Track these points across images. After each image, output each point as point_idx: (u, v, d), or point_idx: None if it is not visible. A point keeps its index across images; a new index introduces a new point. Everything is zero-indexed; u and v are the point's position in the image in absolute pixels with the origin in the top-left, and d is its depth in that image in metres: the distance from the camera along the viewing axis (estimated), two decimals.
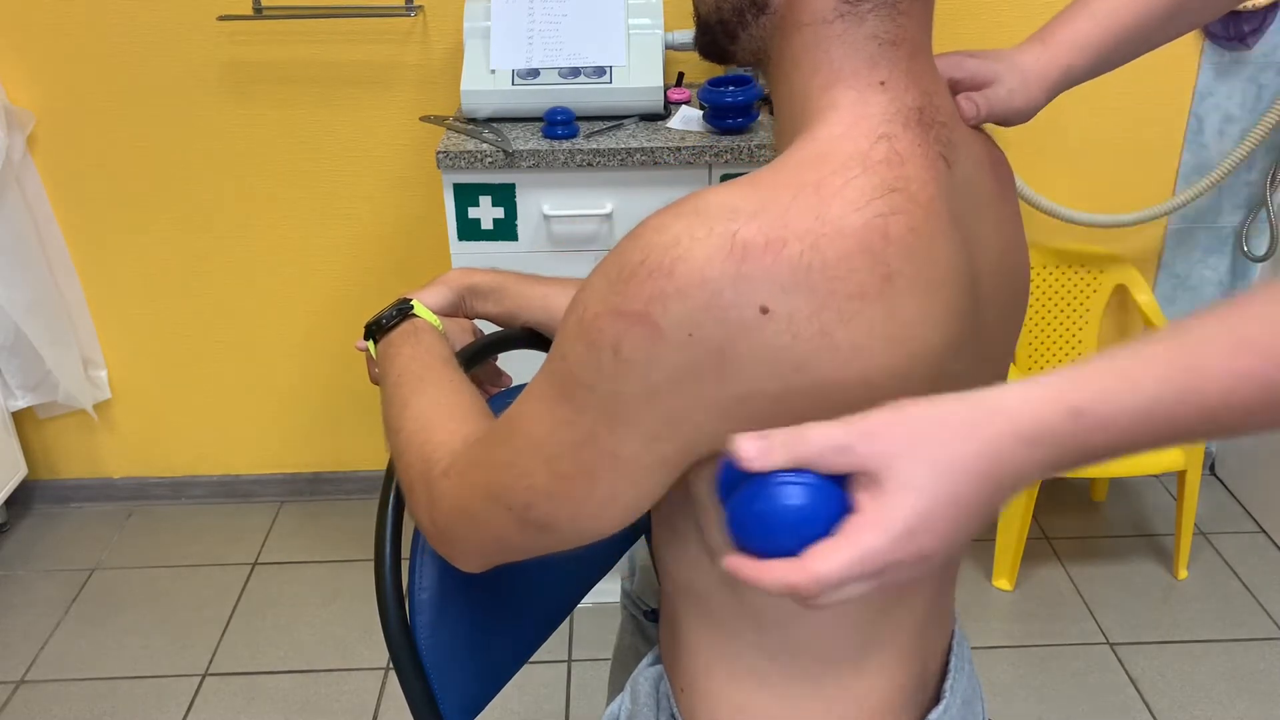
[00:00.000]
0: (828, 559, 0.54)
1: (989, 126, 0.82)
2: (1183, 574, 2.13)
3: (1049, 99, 0.85)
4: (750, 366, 0.60)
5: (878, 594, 0.57)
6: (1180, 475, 2.03)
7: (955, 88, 0.80)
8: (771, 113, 1.84)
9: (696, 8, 0.75)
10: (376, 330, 0.90)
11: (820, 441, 0.56)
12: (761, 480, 0.57)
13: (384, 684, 1.92)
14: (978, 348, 0.73)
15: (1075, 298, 2.22)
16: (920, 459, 0.54)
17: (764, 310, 0.59)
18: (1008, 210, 0.78)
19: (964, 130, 0.74)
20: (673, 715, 0.83)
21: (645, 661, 0.90)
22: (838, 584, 0.54)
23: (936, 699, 0.85)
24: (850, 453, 0.55)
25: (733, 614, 0.75)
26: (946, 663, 0.87)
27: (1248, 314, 0.52)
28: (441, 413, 0.79)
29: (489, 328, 1.00)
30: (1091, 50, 0.84)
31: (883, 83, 0.66)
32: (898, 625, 0.77)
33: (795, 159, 0.65)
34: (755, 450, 0.56)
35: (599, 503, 0.66)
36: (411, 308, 0.90)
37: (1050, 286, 2.22)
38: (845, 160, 0.63)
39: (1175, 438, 0.54)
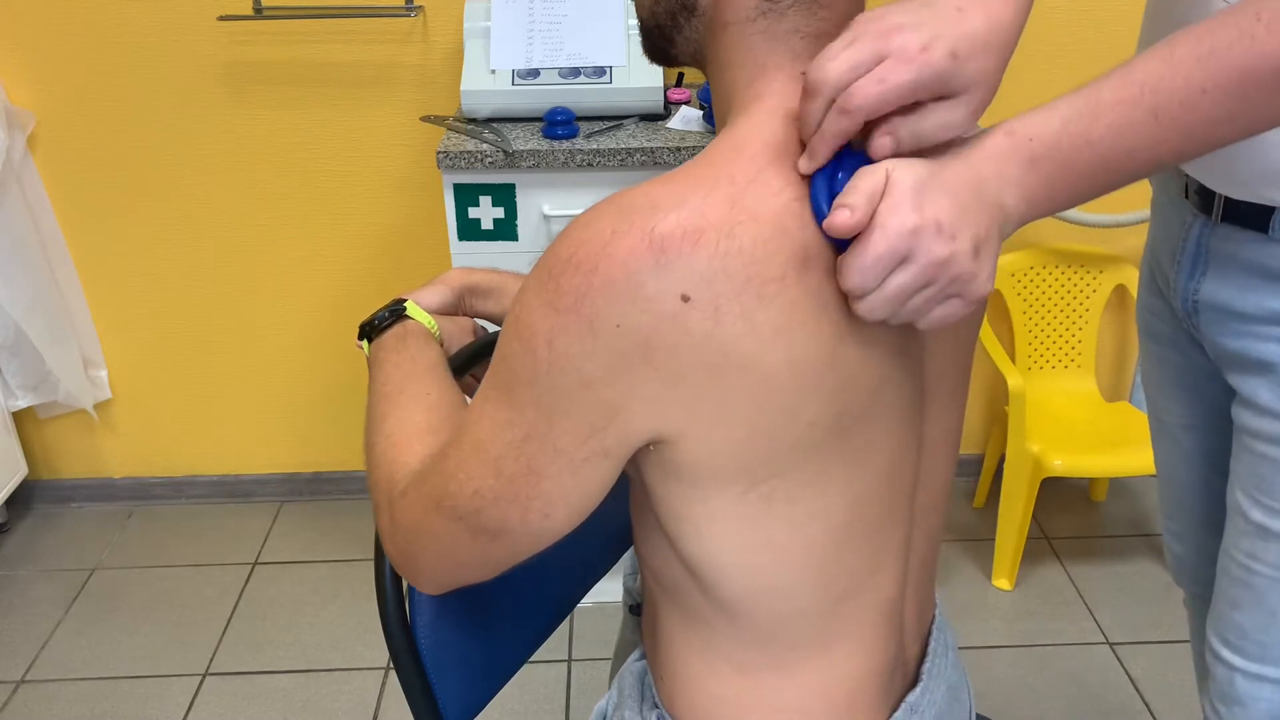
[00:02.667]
0: (857, 254, 0.62)
1: None
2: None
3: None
4: (677, 354, 0.62)
5: (929, 289, 0.62)
6: None
7: None
8: None
9: (638, 13, 0.77)
10: (370, 331, 0.90)
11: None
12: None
13: (384, 684, 1.92)
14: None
15: (1075, 298, 2.22)
16: (912, 165, 0.63)
17: (685, 298, 0.61)
18: None
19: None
20: (655, 705, 0.83)
21: (632, 657, 0.90)
22: (879, 259, 0.61)
23: (915, 682, 0.85)
24: (874, 168, 0.64)
25: (702, 603, 0.75)
26: (927, 648, 0.87)
27: (1129, 64, 0.67)
28: (410, 432, 0.79)
29: (489, 327, 1.00)
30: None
31: (804, 74, 0.67)
32: (864, 611, 0.77)
33: (715, 151, 0.67)
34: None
35: (545, 500, 0.67)
36: (404, 309, 0.90)
37: (1050, 286, 2.22)
38: (760, 148, 0.66)
39: (1098, 164, 0.66)
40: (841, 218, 0.61)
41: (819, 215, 0.63)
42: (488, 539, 0.70)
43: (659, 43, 0.76)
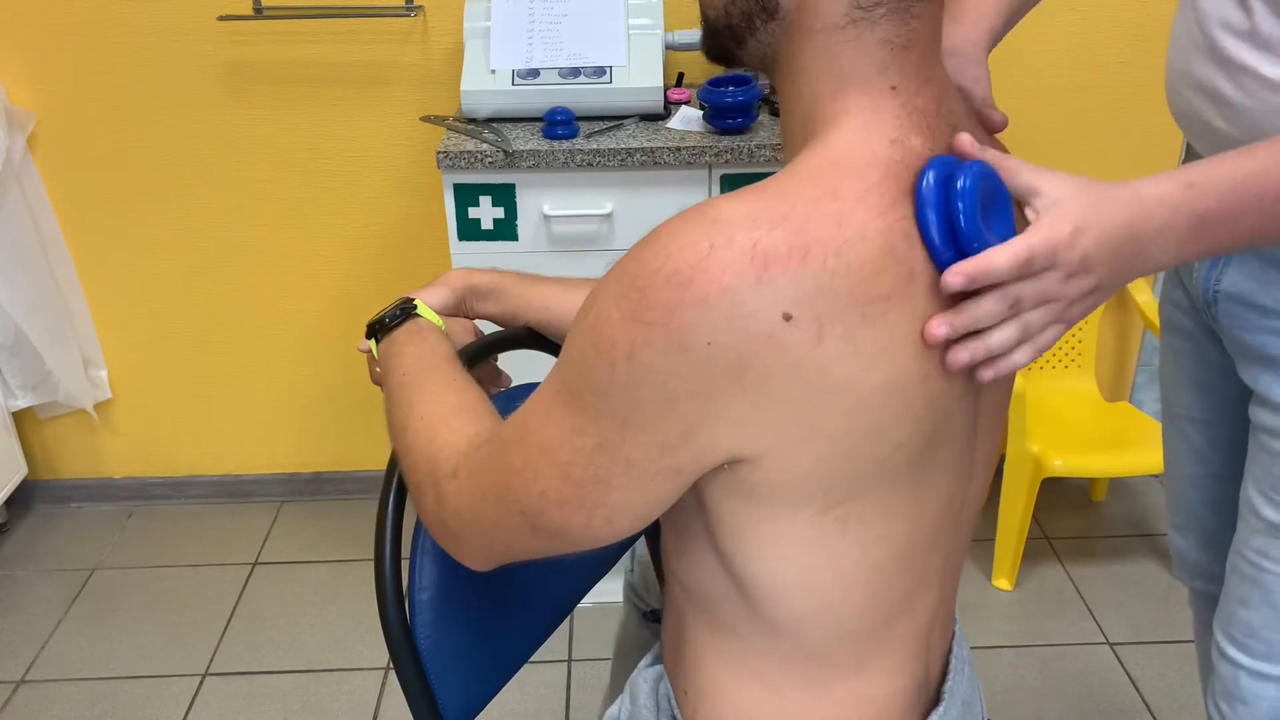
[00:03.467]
0: (1008, 246, 0.64)
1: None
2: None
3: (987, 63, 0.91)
4: (771, 374, 0.61)
5: (1057, 306, 0.66)
6: None
7: None
8: (772, 113, 1.84)
9: (704, 12, 0.74)
10: (379, 329, 0.90)
11: (1017, 162, 0.68)
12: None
13: (384, 684, 1.92)
14: None
15: None
16: (1083, 193, 0.66)
17: (787, 317, 0.59)
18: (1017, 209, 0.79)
19: (975, 131, 0.75)
20: (673, 718, 0.83)
21: (644, 662, 0.89)
22: (1025, 262, 0.63)
23: (937, 700, 0.85)
24: (1034, 173, 0.67)
25: (743, 620, 0.75)
26: (947, 665, 0.87)
27: None
28: (447, 412, 0.78)
29: (489, 328, 1.00)
30: (1000, 10, 0.95)
31: (894, 87, 0.66)
32: (905, 631, 0.77)
33: (809, 166, 0.64)
34: (969, 142, 0.67)
35: (611, 509, 0.66)
36: (415, 307, 0.90)
37: None
38: (862, 166, 0.64)
39: (1260, 220, 0.69)
40: (966, 271, 0.63)
41: (925, 229, 0.63)
42: (547, 536, 0.70)
43: (727, 43, 0.73)
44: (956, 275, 0.62)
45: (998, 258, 0.63)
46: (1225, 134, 0.95)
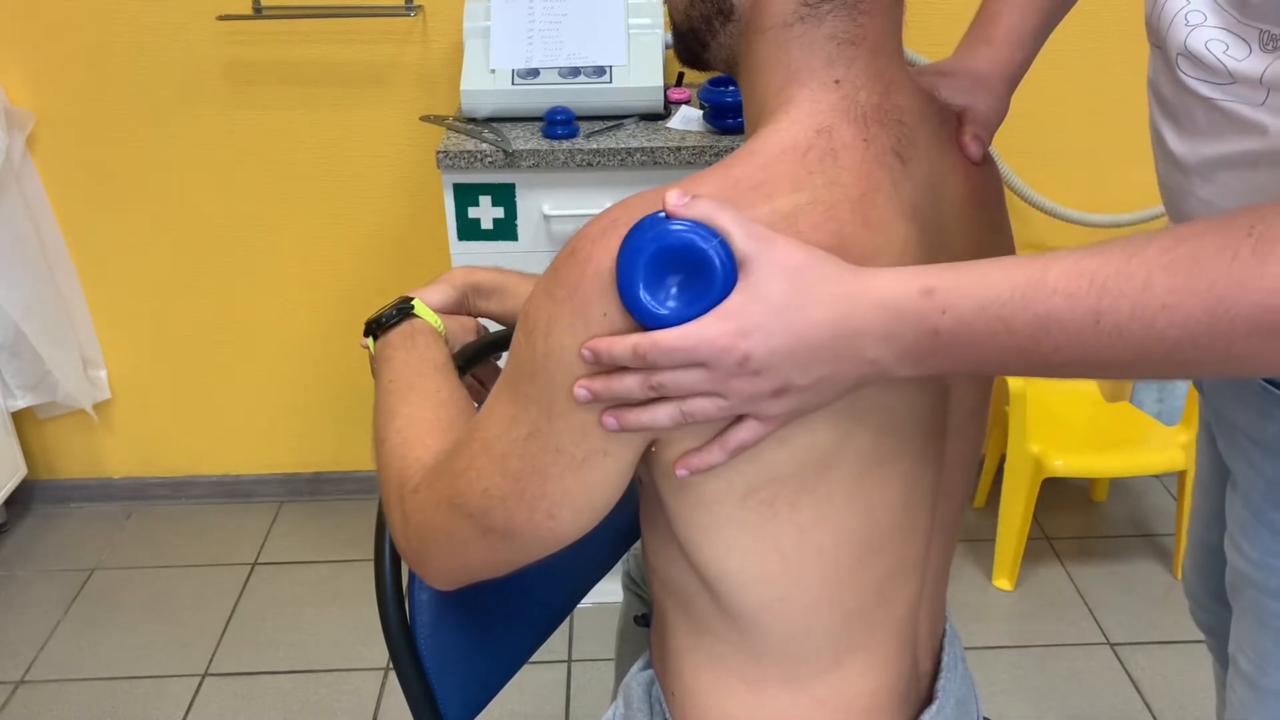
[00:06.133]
0: (670, 331, 0.60)
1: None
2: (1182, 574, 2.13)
3: (1010, 97, 0.88)
4: None
5: (715, 406, 0.62)
6: (1180, 475, 2.03)
7: None
8: None
9: (671, 17, 0.77)
10: (376, 328, 0.90)
11: (730, 215, 0.61)
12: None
13: (384, 684, 1.92)
14: None
15: None
16: (789, 278, 0.59)
17: None
18: (985, 217, 0.78)
19: (934, 133, 0.74)
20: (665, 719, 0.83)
21: (636, 666, 0.90)
22: (639, 357, 0.60)
23: (930, 699, 0.85)
24: (748, 236, 0.60)
25: (715, 617, 0.75)
26: (939, 662, 0.87)
27: (1095, 248, 0.56)
28: (422, 427, 0.79)
29: (492, 326, 1.00)
30: (1030, 41, 0.91)
31: (837, 81, 0.67)
32: (879, 625, 0.77)
33: (735, 155, 0.67)
34: (678, 198, 0.61)
35: (550, 502, 0.67)
36: (412, 307, 0.90)
37: None
38: (775, 154, 0.65)
39: (1014, 350, 0.58)
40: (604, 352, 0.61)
41: (620, 286, 0.61)
42: (496, 538, 0.70)
43: (693, 46, 0.75)
44: (587, 349, 0.62)
45: (618, 344, 0.61)
46: (1172, 216, 0.87)
